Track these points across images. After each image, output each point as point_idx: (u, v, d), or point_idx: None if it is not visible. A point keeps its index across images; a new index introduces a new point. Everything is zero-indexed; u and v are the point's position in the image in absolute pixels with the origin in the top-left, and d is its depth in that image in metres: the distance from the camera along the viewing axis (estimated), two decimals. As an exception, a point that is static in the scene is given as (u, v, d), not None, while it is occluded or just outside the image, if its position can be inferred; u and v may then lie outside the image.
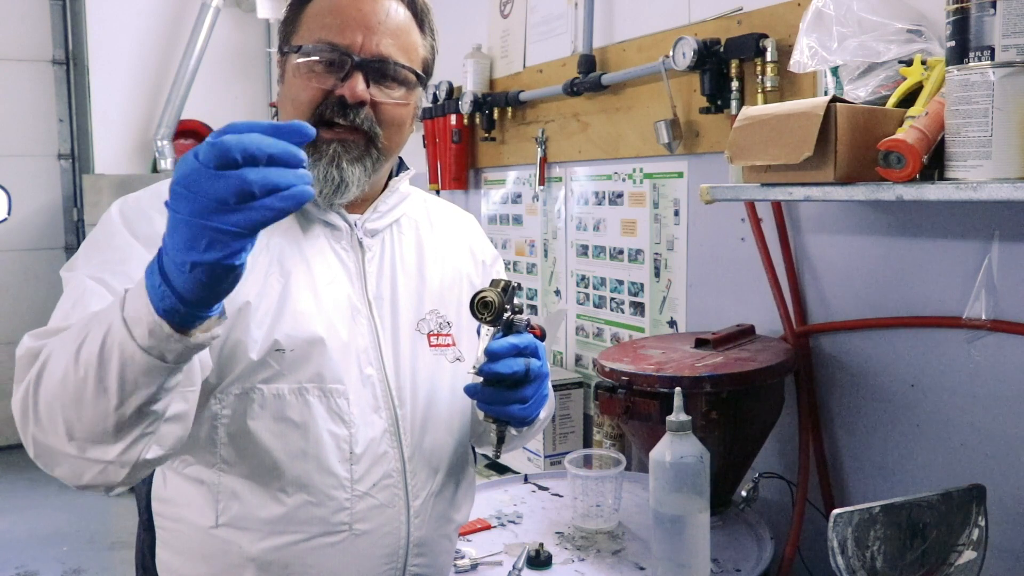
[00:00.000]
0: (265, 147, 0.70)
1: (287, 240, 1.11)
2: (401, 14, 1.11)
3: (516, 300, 1.07)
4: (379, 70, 1.09)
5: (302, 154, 0.73)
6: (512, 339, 1.04)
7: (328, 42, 1.07)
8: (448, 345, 1.19)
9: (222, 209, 0.70)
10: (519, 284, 1.07)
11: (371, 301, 1.14)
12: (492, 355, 1.02)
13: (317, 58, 1.08)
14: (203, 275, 0.73)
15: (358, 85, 1.07)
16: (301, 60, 1.09)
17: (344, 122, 1.08)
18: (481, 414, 1.11)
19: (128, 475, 0.89)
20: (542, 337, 1.14)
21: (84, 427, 0.84)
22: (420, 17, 1.14)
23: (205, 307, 0.78)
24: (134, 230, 1.03)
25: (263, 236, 1.03)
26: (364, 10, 1.09)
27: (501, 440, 1.12)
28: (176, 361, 0.81)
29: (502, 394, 1.05)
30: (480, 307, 1.04)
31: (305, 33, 1.10)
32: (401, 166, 1.24)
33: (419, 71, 1.14)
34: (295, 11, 1.13)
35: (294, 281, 1.08)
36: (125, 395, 0.81)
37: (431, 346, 1.17)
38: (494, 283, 1.05)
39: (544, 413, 1.20)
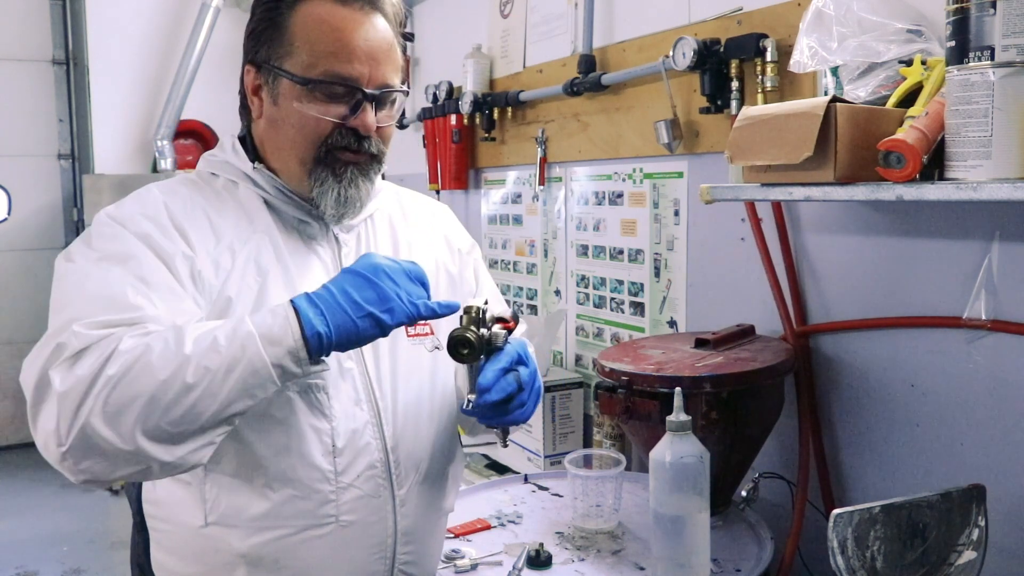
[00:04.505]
0: (429, 284, 1.06)
1: (263, 240, 1.12)
2: (389, 33, 1.13)
3: (487, 313, 1.07)
4: (383, 99, 1.13)
5: None
6: (496, 363, 1.06)
7: (337, 74, 1.08)
8: (426, 335, 1.21)
9: (409, 298, 1.00)
10: (486, 301, 1.08)
11: None
12: (484, 388, 1.05)
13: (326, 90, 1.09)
14: (367, 325, 0.97)
15: (369, 118, 1.10)
16: (305, 88, 1.09)
17: (356, 149, 1.12)
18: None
19: (164, 475, 0.98)
20: (515, 321, 1.14)
21: (165, 423, 0.90)
22: (394, 25, 1.15)
23: (338, 349, 0.98)
24: (127, 227, 1.05)
25: (242, 234, 1.10)
26: (368, 38, 1.09)
27: (506, 435, 1.16)
28: (282, 383, 0.96)
29: (500, 408, 1.08)
30: (461, 346, 1.04)
31: (305, 58, 1.09)
32: None
33: (406, 87, 1.17)
34: (274, 23, 1.11)
35: (271, 279, 1.10)
36: (230, 403, 0.93)
37: (409, 336, 1.19)
38: (466, 311, 1.05)
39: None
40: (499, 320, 1.10)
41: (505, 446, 1.17)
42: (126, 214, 1.07)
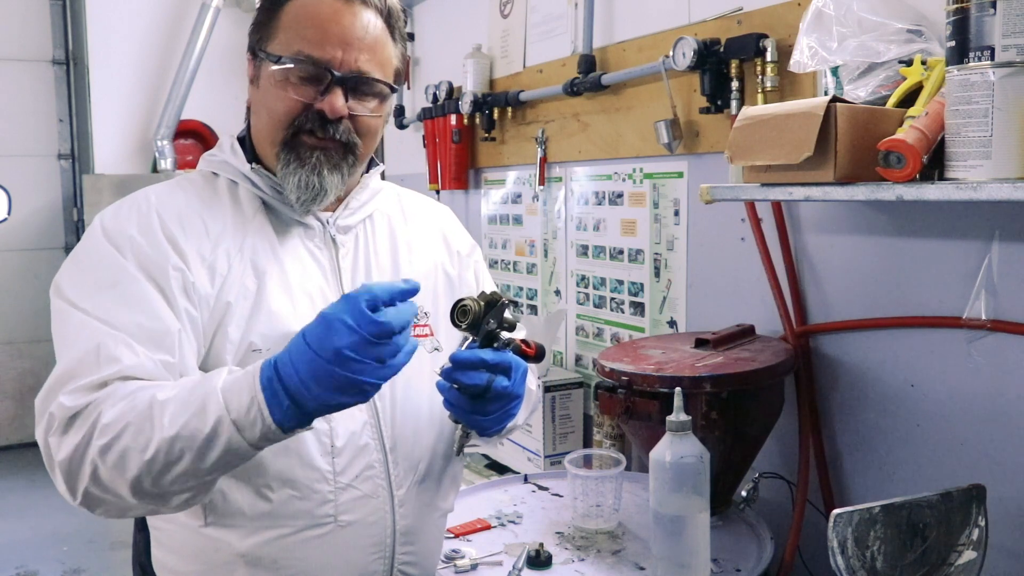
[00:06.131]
0: (403, 318, 0.92)
1: (260, 241, 1.13)
2: (378, 27, 1.13)
3: (509, 316, 1.07)
4: (356, 85, 1.12)
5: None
6: (483, 352, 1.06)
7: (308, 55, 1.09)
8: (426, 335, 1.22)
9: (378, 367, 0.91)
10: (515, 302, 1.07)
11: None
12: (455, 362, 1.05)
13: (292, 66, 1.10)
14: (341, 407, 0.94)
15: (337, 100, 1.10)
16: (278, 69, 1.10)
17: (322, 135, 1.11)
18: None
19: (172, 512, 1.05)
20: (538, 356, 1.13)
21: (157, 488, 0.95)
22: (392, 26, 1.15)
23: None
24: (121, 248, 1.05)
25: (238, 236, 1.10)
26: (344, 24, 1.10)
27: (462, 445, 1.16)
28: (262, 448, 0.96)
29: (465, 400, 1.08)
30: (459, 313, 1.06)
31: (283, 40, 1.11)
32: (372, 163, 1.26)
33: (392, 83, 1.16)
34: (270, 13, 1.14)
35: (269, 281, 1.10)
36: (216, 469, 0.95)
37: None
38: (483, 294, 1.06)
39: (512, 423, 1.21)
40: (518, 346, 1.11)
41: (457, 454, 1.18)
42: (120, 230, 1.07)
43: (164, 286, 1.04)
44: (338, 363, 0.89)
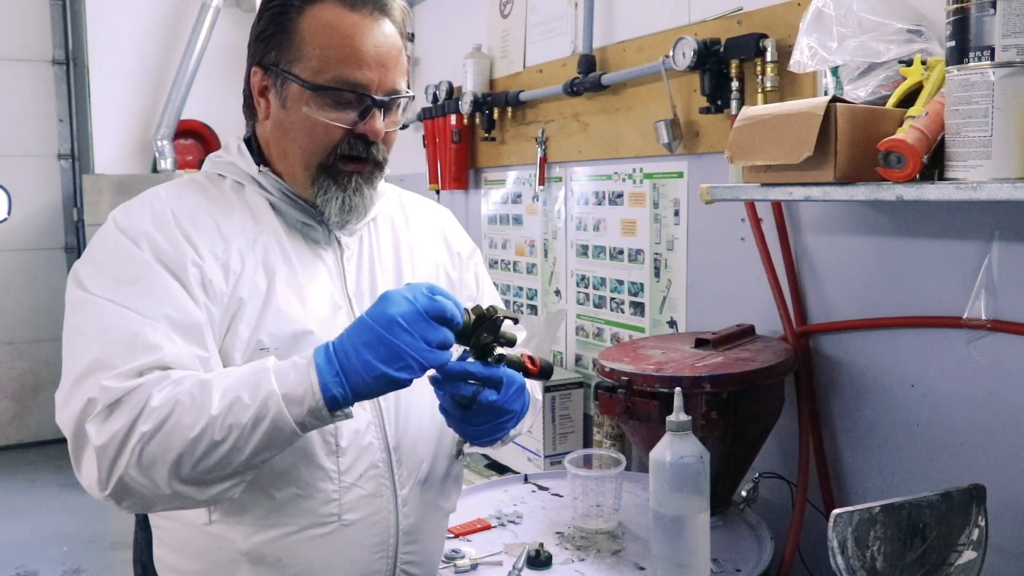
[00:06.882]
0: (457, 318, 1.00)
1: (271, 240, 1.13)
2: (397, 38, 1.13)
3: (509, 332, 1.07)
4: (390, 105, 1.13)
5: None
6: (471, 365, 1.06)
7: (347, 80, 1.09)
8: None
9: (426, 348, 0.96)
10: (515, 318, 1.07)
11: (351, 298, 1.17)
12: (443, 372, 1.05)
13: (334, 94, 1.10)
14: (382, 383, 0.96)
15: (378, 124, 1.11)
16: (315, 95, 1.09)
17: (365, 157, 1.12)
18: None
19: (200, 507, 1.05)
20: (543, 374, 1.13)
21: (196, 472, 0.95)
22: (402, 30, 1.15)
23: (359, 401, 0.99)
24: (138, 243, 1.05)
25: (249, 236, 1.11)
26: (377, 44, 1.10)
27: (459, 450, 1.19)
28: (304, 433, 0.98)
29: (456, 408, 1.09)
30: None
31: (313, 62, 1.09)
32: None
33: (411, 91, 1.18)
34: (282, 26, 1.11)
35: (278, 280, 1.11)
36: (257, 453, 0.96)
37: None
38: (477, 307, 1.06)
39: (512, 433, 1.21)
40: (529, 358, 1.11)
41: (455, 456, 1.22)
42: (136, 226, 1.06)
43: (184, 281, 1.04)
44: (389, 329, 0.95)
